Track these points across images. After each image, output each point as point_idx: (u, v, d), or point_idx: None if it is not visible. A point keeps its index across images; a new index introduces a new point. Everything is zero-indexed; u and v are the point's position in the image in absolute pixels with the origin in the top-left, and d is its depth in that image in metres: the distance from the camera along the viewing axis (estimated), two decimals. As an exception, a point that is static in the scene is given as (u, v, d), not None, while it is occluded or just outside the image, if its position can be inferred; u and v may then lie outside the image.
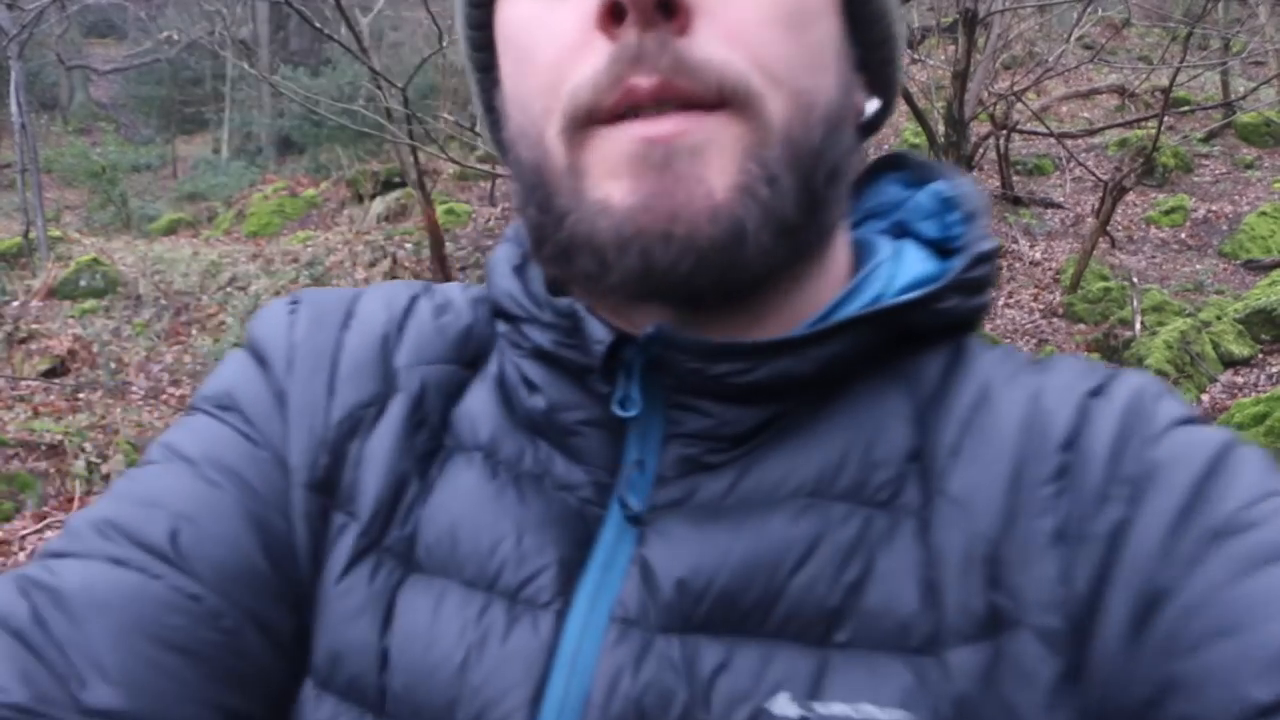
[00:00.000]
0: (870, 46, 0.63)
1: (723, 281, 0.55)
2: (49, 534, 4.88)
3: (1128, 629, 0.51)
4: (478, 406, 0.65)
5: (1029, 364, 0.61)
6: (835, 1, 0.60)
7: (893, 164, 0.71)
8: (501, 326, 0.66)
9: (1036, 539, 0.53)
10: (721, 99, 0.53)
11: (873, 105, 0.65)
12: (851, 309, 0.61)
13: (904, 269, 0.63)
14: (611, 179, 0.54)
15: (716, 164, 0.53)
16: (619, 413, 0.58)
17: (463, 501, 0.61)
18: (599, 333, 0.58)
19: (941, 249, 0.65)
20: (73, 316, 8.52)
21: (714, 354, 0.57)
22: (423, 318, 0.69)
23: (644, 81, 0.52)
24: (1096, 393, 0.58)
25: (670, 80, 0.52)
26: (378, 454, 0.63)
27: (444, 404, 0.66)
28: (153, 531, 0.59)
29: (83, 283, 9.02)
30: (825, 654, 0.53)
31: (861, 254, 0.67)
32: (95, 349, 7.94)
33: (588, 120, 0.54)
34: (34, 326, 8.16)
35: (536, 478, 0.61)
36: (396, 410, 0.64)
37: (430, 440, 0.64)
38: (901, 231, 0.68)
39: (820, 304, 0.62)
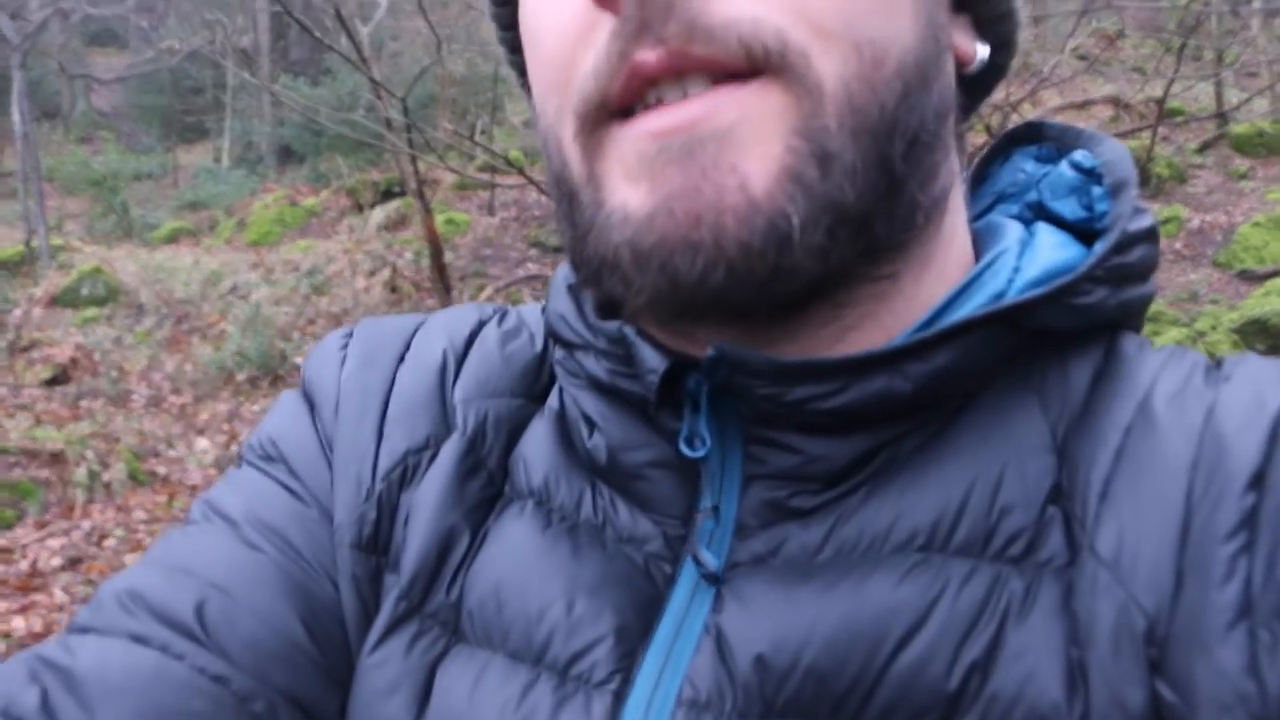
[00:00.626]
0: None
1: (765, 294, 0.45)
2: (51, 541, 4.91)
3: None
4: (534, 445, 0.57)
5: (1206, 369, 0.47)
6: None
7: (1029, 134, 0.59)
8: (558, 353, 0.58)
9: (1215, 613, 0.40)
10: (754, 64, 0.43)
11: (982, 52, 0.53)
12: (964, 311, 0.49)
13: (1035, 257, 0.51)
14: (629, 183, 0.45)
15: (754, 147, 0.43)
16: (686, 452, 0.49)
17: (510, 558, 0.53)
18: (651, 360, 0.50)
19: (1085, 232, 0.54)
20: (75, 325, 8.55)
21: (790, 375, 0.47)
22: (488, 345, 0.61)
23: (650, 55, 0.43)
24: None
25: (683, 49, 0.43)
26: (425, 505, 0.55)
27: (506, 444, 0.58)
28: (179, 604, 0.52)
29: (84, 291, 9.05)
30: None
31: (987, 244, 0.55)
32: (97, 357, 7.97)
33: (600, 115, 0.46)
34: (36, 335, 8.19)
35: (596, 529, 0.53)
36: (449, 453, 0.56)
37: (487, 487, 0.56)
38: (1039, 213, 0.56)
39: (927, 306, 0.51)
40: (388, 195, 11.90)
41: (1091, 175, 0.54)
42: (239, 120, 17.54)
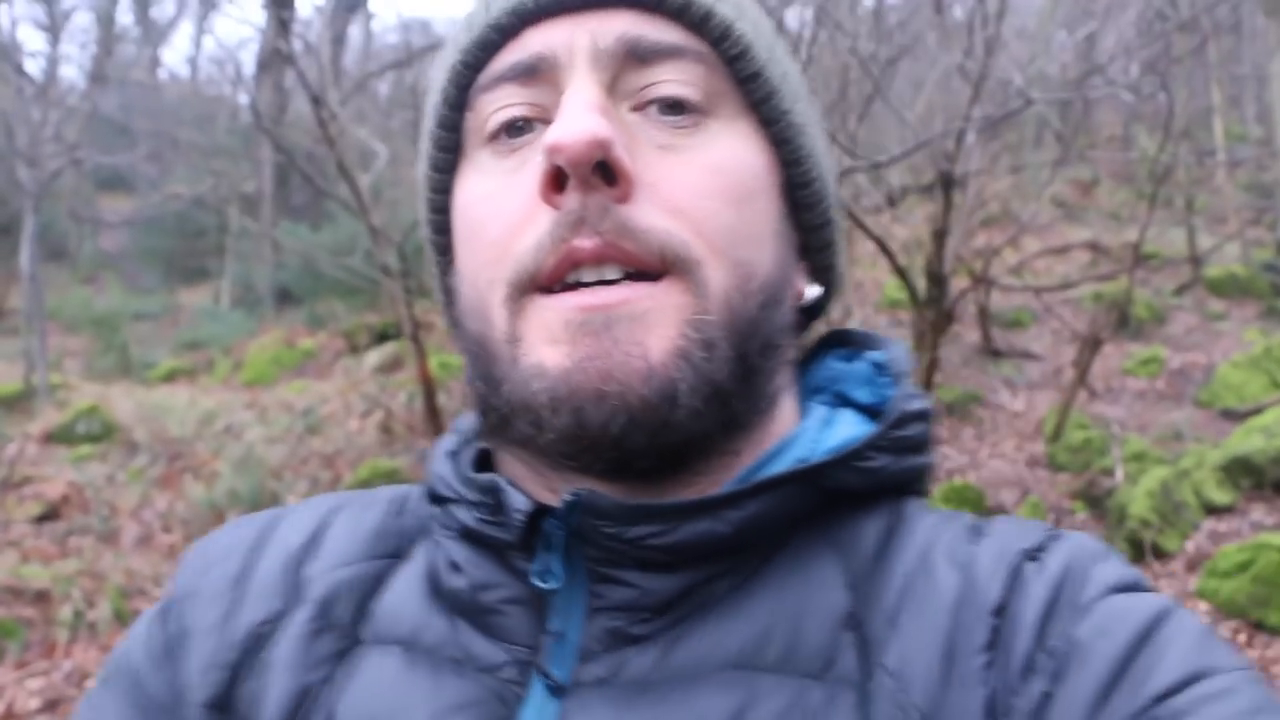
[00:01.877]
0: (810, 230, 0.67)
1: (654, 443, 0.56)
2: (30, 683, 4.82)
3: None
4: (399, 597, 0.64)
5: (970, 529, 0.61)
6: (775, 183, 0.64)
7: (836, 340, 0.74)
8: (434, 510, 0.67)
9: (968, 713, 0.52)
10: (664, 265, 0.56)
11: (813, 292, 0.68)
12: (772, 470, 0.62)
13: (835, 432, 0.65)
14: (549, 344, 0.56)
15: (657, 329, 0.56)
16: (538, 584, 0.58)
17: (376, 696, 0.59)
18: (519, 502, 0.59)
19: (879, 414, 0.66)
20: (68, 462, 8.54)
21: (630, 516, 0.57)
22: (341, 524, 0.70)
23: (586, 243, 0.55)
24: (1033, 555, 0.57)
25: (614, 242, 0.56)
26: (278, 667, 0.61)
27: (358, 602, 0.65)
28: None
29: (80, 428, 9.07)
30: None
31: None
32: (89, 494, 7.93)
33: (530, 286, 0.58)
34: (29, 471, 8.16)
35: (456, 661, 0.59)
36: (298, 620, 0.63)
37: (338, 641, 0.63)
38: (843, 401, 0.70)
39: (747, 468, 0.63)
40: (383, 338, 12.01)
41: (882, 369, 0.69)
42: (239, 263, 17.83)
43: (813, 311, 0.70)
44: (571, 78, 0.58)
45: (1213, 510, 6.81)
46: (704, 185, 0.58)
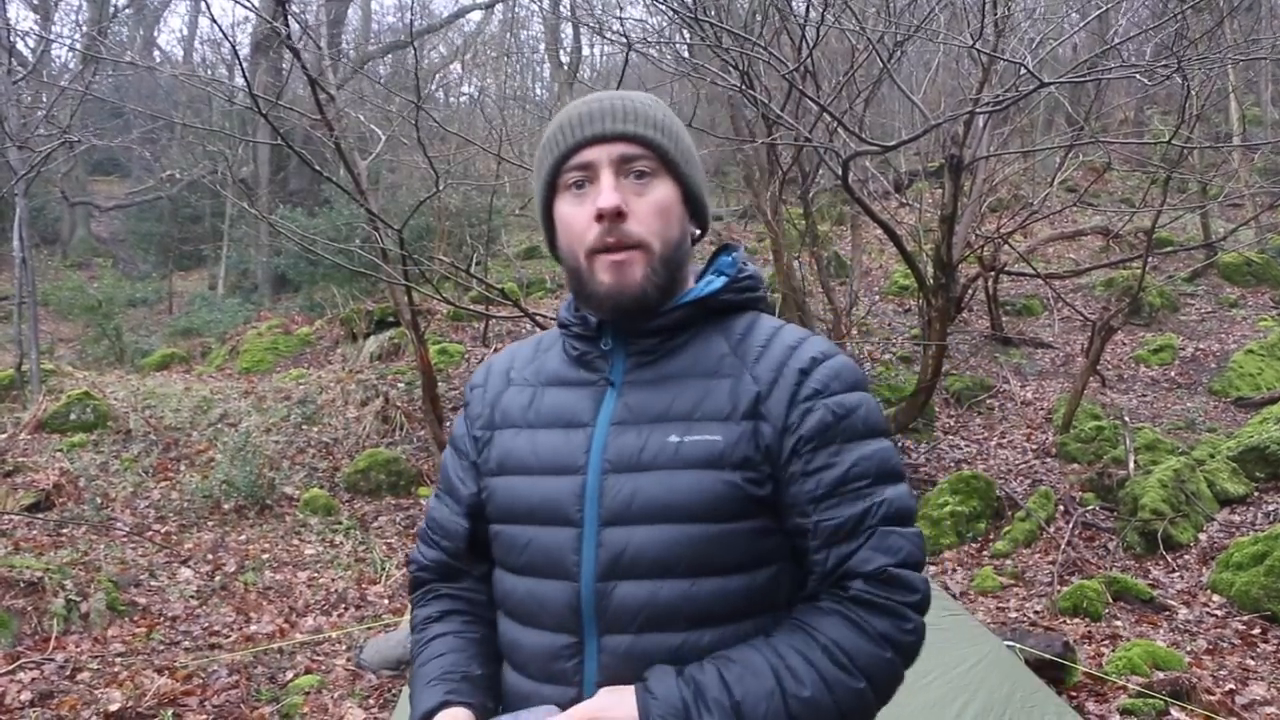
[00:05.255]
0: (696, 211, 1.45)
1: (641, 307, 1.36)
2: (21, 675, 4.71)
3: None
4: (554, 361, 1.51)
5: (795, 332, 1.41)
6: (679, 198, 1.40)
7: (723, 248, 1.52)
8: (562, 328, 1.51)
9: (779, 401, 1.33)
10: (639, 244, 1.34)
11: (695, 230, 1.47)
12: (685, 299, 1.41)
13: (710, 286, 1.43)
14: (603, 273, 1.34)
15: (638, 269, 1.34)
16: (603, 347, 1.42)
17: (553, 400, 1.46)
18: (593, 321, 1.42)
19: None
20: (61, 450, 8.44)
21: (639, 323, 1.39)
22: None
23: (611, 239, 1.33)
24: (795, 347, 1.38)
25: (621, 240, 1.33)
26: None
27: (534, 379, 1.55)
28: None
29: (73, 416, 8.96)
30: None
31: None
32: (82, 483, 7.83)
33: (591, 252, 1.34)
34: (21, 460, 8.07)
35: (576, 384, 1.46)
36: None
37: (530, 390, 1.53)
38: (719, 273, 1.47)
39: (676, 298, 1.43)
40: (382, 325, 11.91)
41: (735, 259, 1.50)
42: (236, 248, 17.71)
43: (700, 237, 1.49)
44: (602, 172, 1.35)
45: (1226, 501, 6.69)
46: (652, 209, 1.36)
